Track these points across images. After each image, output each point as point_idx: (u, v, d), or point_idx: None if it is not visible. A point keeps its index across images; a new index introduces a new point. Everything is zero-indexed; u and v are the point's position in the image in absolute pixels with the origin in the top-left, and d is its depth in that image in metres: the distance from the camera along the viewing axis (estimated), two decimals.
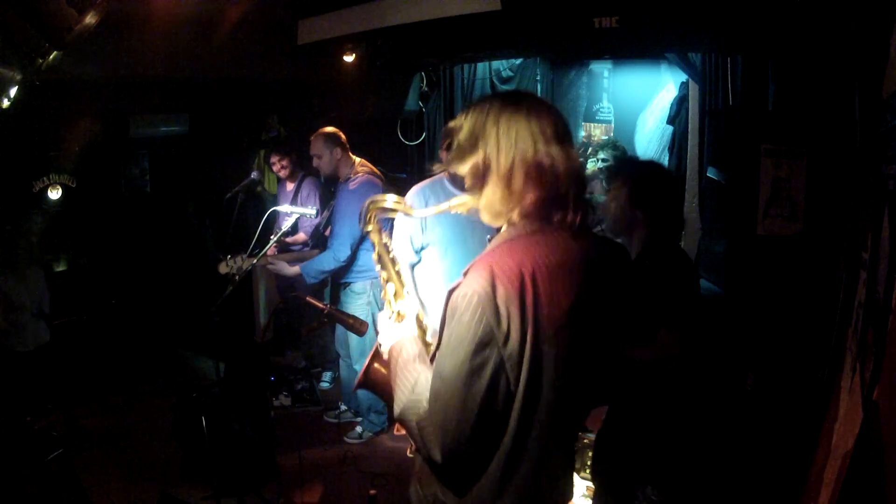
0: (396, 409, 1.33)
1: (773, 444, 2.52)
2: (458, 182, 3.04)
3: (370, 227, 1.58)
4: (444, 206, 1.46)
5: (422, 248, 3.10)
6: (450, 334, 1.23)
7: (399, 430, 1.76)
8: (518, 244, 1.27)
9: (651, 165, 2.52)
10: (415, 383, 1.31)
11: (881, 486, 1.25)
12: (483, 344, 1.19)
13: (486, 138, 1.27)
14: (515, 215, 1.29)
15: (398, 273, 1.58)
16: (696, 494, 2.71)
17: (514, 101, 1.31)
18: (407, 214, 1.58)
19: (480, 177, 1.29)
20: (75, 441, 3.77)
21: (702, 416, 2.69)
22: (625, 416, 2.44)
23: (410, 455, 1.73)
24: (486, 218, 1.35)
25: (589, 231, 1.38)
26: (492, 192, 1.28)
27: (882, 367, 1.38)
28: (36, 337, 3.97)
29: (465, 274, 1.26)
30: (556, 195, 1.28)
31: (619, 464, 2.47)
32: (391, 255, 1.59)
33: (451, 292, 1.27)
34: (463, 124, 1.32)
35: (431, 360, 1.42)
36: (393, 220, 3.01)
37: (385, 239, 1.59)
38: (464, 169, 1.31)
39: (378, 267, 1.59)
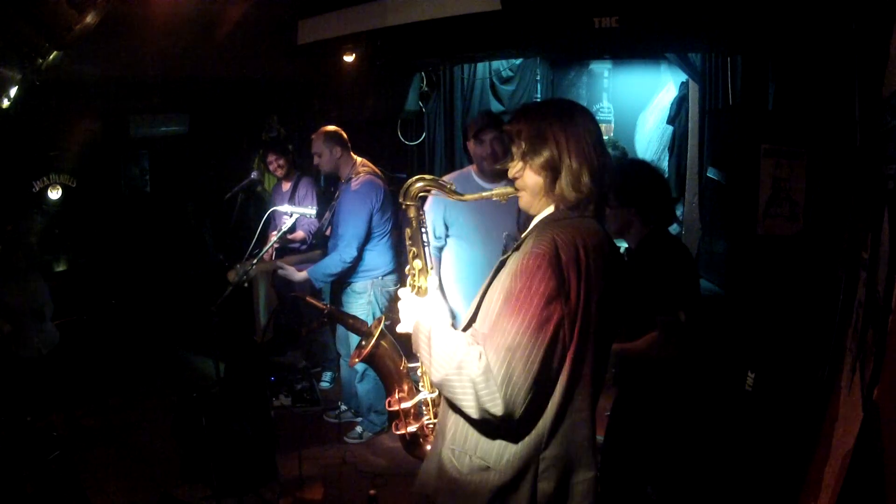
0: (437, 374, 1.41)
1: (773, 443, 2.52)
2: (485, 175, 3.10)
3: (409, 203, 1.67)
4: (487, 193, 1.65)
5: (443, 238, 3.24)
6: (519, 291, 1.36)
7: (392, 406, 1.83)
8: (569, 223, 1.46)
9: (630, 164, 2.58)
10: (456, 347, 1.40)
11: (881, 486, 1.25)
12: (551, 298, 1.35)
13: (556, 138, 1.46)
14: (566, 204, 1.48)
15: (427, 252, 1.68)
16: (696, 494, 2.71)
17: (569, 106, 1.54)
18: (452, 198, 1.66)
19: (552, 171, 1.47)
20: (75, 441, 3.76)
21: (702, 416, 2.69)
22: (628, 416, 2.45)
23: (396, 432, 1.81)
24: (527, 204, 1.56)
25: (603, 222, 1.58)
26: (563, 185, 1.47)
27: (882, 367, 1.38)
28: (43, 342, 3.95)
29: (518, 247, 1.47)
30: (602, 189, 1.50)
31: (621, 463, 2.47)
32: (424, 233, 1.69)
33: (503, 262, 1.49)
34: (522, 128, 1.51)
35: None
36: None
37: (421, 215, 1.69)
38: (534, 163, 1.49)
39: (409, 242, 1.69)
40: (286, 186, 4.77)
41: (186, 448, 3.45)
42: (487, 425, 1.42)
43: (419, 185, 1.65)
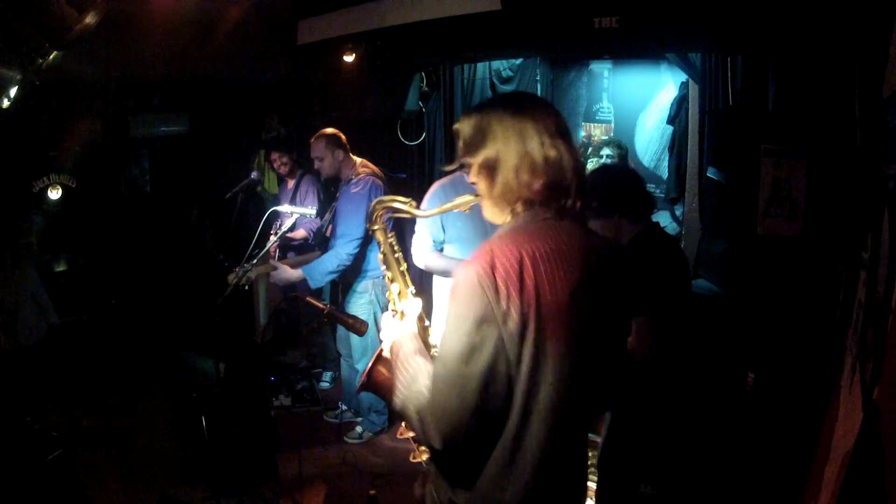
0: (397, 403, 1.33)
1: (773, 444, 2.52)
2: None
3: (376, 227, 1.61)
4: (448, 205, 1.53)
5: (442, 244, 3.21)
6: (449, 314, 1.24)
7: (403, 434, 1.77)
8: (520, 232, 1.31)
9: (596, 173, 2.62)
10: (414, 376, 1.32)
11: (881, 486, 1.25)
12: (482, 320, 1.20)
13: (494, 135, 1.32)
14: (520, 206, 1.34)
15: (403, 273, 1.61)
16: (696, 494, 2.71)
17: (515, 100, 1.39)
18: (412, 215, 1.60)
19: (491, 171, 1.34)
20: (75, 441, 3.76)
21: (702, 416, 2.69)
22: (627, 416, 2.45)
23: (413, 460, 1.71)
24: (489, 213, 1.40)
25: (585, 222, 1.42)
26: (502, 184, 1.32)
27: (882, 367, 1.38)
28: (34, 333, 3.96)
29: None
30: (561, 184, 1.33)
31: (621, 463, 2.47)
32: (396, 255, 1.62)
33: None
34: (465, 125, 1.37)
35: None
36: (399, 219, 3.08)
37: (391, 238, 1.62)
38: (474, 164, 1.36)
39: (383, 267, 1.62)
40: (290, 184, 4.77)
41: (186, 448, 3.45)
42: (438, 459, 1.35)
43: (381, 206, 1.60)
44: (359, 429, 3.98)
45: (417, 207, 1.64)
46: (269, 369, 4.70)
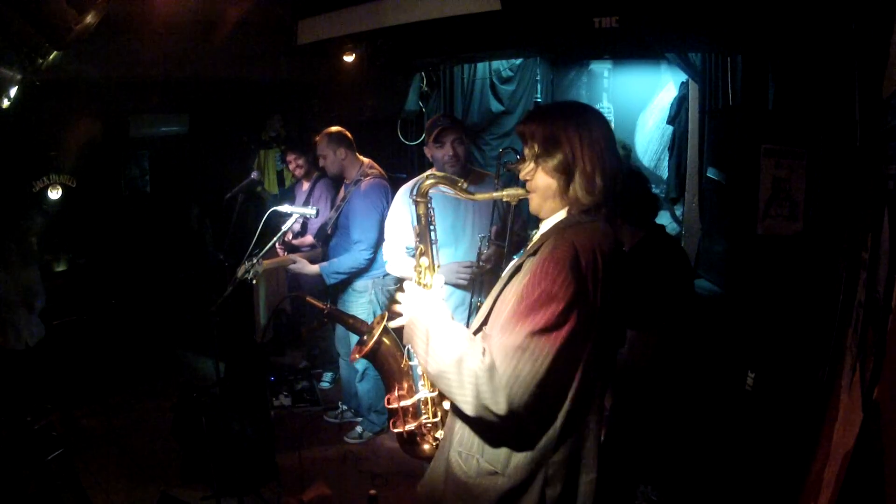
0: (433, 366, 1.41)
1: (773, 443, 2.52)
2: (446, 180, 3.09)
3: (420, 199, 1.71)
4: (498, 194, 1.67)
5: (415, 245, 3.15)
6: (538, 295, 1.34)
7: (391, 403, 1.85)
8: (586, 228, 1.46)
9: None
10: (457, 341, 1.40)
11: (881, 486, 1.25)
12: (569, 304, 1.33)
13: (571, 141, 1.47)
14: (579, 206, 1.48)
15: (434, 248, 1.71)
16: (696, 494, 2.71)
17: (582, 110, 1.54)
18: (465, 196, 1.68)
19: (566, 173, 1.48)
20: (75, 441, 3.76)
21: (702, 416, 2.69)
22: (625, 415, 2.45)
23: (393, 429, 1.82)
24: (538, 206, 1.56)
25: (614, 223, 1.57)
26: (577, 187, 1.48)
27: (882, 367, 1.38)
28: (30, 334, 3.96)
29: (534, 252, 1.44)
30: (614, 193, 1.49)
31: (619, 463, 2.47)
32: (432, 230, 1.73)
33: (518, 266, 1.49)
34: (535, 130, 1.50)
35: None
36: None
37: (430, 213, 1.73)
38: (550, 165, 1.49)
39: (417, 240, 1.73)
40: (305, 186, 4.75)
41: (186, 448, 3.45)
42: (485, 426, 1.41)
43: (431, 181, 1.67)
44: (359, 429, 3.98)
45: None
46: (269, 369, 4.70)
